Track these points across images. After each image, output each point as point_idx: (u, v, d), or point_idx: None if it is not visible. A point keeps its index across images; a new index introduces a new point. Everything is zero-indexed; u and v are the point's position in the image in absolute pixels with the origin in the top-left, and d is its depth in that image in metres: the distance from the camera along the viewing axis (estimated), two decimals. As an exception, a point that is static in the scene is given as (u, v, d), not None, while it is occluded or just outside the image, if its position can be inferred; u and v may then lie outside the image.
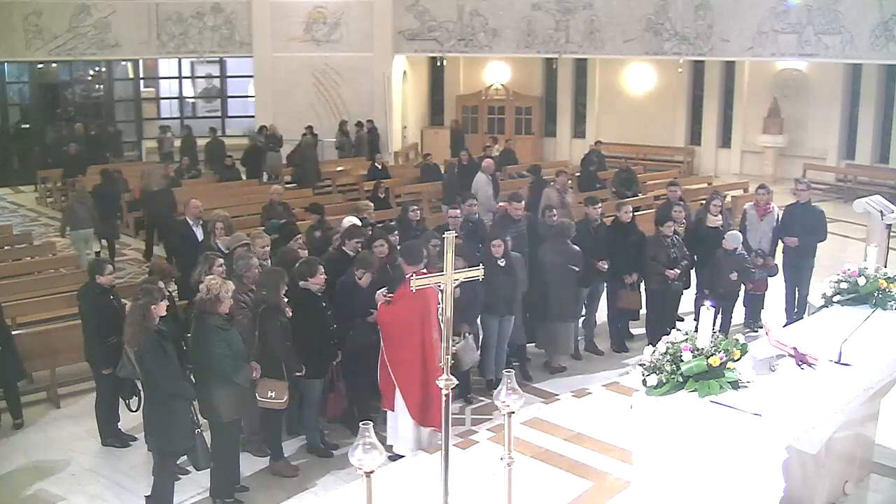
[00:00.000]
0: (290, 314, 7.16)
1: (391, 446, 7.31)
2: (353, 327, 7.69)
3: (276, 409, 7.11)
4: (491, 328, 8.66)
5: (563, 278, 9.09)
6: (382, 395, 7.45)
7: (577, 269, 9.19)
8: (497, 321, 8.68)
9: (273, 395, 6.96)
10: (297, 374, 7.21)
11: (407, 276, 7.31)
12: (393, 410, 7.35)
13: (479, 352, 8.42)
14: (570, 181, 14.06)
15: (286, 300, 7.18)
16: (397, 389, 7.23)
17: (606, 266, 9.67)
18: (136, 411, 7.34)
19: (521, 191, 12.56)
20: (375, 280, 7.87)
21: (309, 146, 19.51)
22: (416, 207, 10.72)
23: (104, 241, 14.07)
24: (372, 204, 11.35)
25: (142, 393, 7.07)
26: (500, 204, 10.57)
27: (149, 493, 6.67)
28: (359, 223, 9.45)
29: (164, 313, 6.57)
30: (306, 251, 8.66)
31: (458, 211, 10.08)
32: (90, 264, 8.20)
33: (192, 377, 6.75)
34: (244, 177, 19.23)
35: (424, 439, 7.30)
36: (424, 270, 7.20)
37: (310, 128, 20.58)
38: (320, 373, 7.51)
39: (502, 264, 8.51)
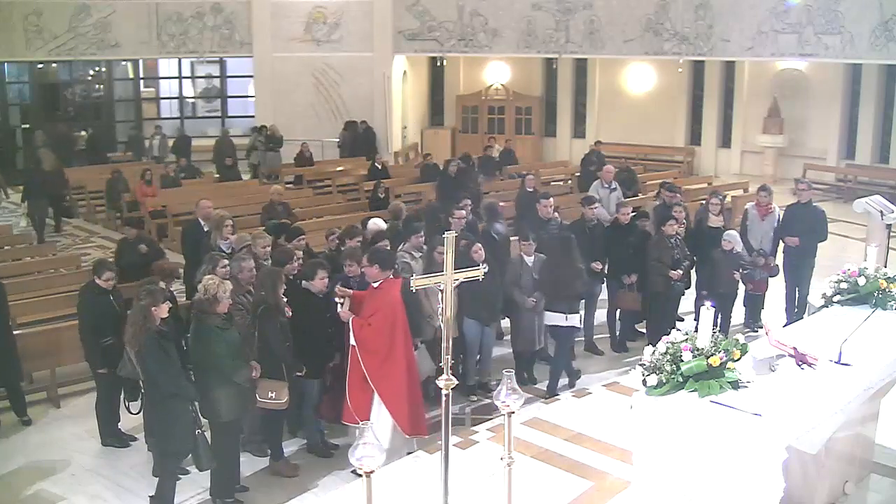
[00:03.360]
0: (290, 314, 7.15)
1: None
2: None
3: (276, 410, 7.11)
4: (472, 333, 8.58)
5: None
6: (354, 409, 7.07)
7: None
8: (480, 327, 8.59)
9: (273, 395, 6.95)
10: (298, 374, 7.21)
11: (376, 283, 7.15)
12: (367, 420, 7.19)
13: (432, 361, 8.10)
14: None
15: (286, 300, 7.17)
16: (381, 403, 7.05)
17: (600, 267, 9.66)
18: (136, 414, 7.32)
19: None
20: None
21: (226, 139, 20.43)
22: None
23: (37, 217, 15.85)
24: (404, 205, 11.23)
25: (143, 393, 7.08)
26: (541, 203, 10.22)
27: (153, 494, 6.67)
28: (384, 226, 9.36)
29: (166, 315, 6.57)
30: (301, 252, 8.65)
31: (463, 212, 9.85)
32: (93, 265, 8.21)
33: (192, 377, 6.75)
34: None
35: (400, 449, 7.18)
36: (391, 276, 7.17)
37: (263, 127, 20.99)
38: (318, 373, 7.50)
39: (486, 269, 8.33)
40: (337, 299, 7.33)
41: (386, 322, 7.05)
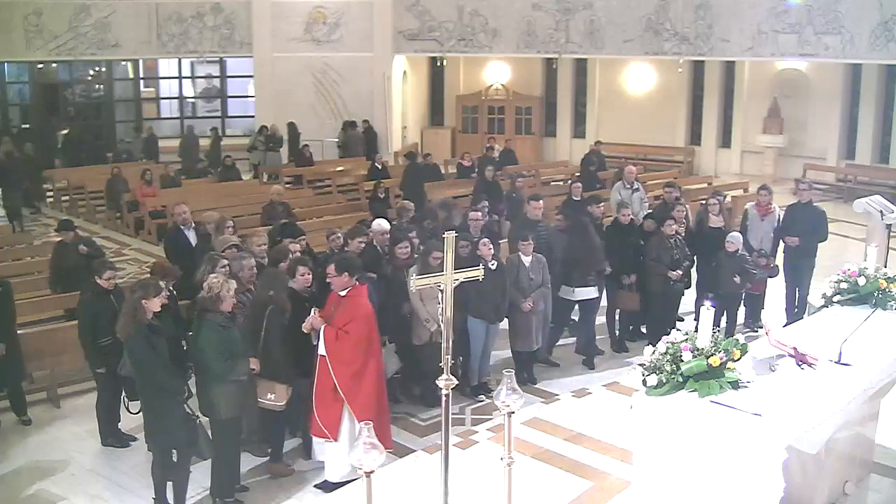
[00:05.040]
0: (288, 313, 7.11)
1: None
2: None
3: (274, 410, 7.09)
4: (477, 333, 8.57)
5: None
6: (324, 423, 6.79)
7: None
8: (485, 326, 8.58)
9: (272, 396, 6.94)
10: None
11: (343, 292, 6.86)
12: (336, 440, 6.80)
13: (397, 358, 8.14)
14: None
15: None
16: (352, 416, 6.68)
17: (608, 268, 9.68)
18: (136, 413, 7.32)
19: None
20: (396, 279, 7.81)
21: (192, 137, 21.44)
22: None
23: (11, 208, 16.62)
24: (413, 204, 11.08)
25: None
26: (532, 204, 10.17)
27: (154, 494, 6.67)
28: (388, 226, 9.36)
29: (159, 309, 6.56)
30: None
31: (479, 213, 9.69)
32: (92, 265, 8.20)
33: (192, 374, 6.76)
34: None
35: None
36: (356, 283, 6.91)
37: (215, 129, 21.80)
38: (308, 371, 7.44)
39: (493, 267, 8.28)
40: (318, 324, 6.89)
41: (362, 332, 6.78)
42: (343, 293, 6.88)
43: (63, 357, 8.66)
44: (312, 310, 6.98)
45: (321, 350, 6.77)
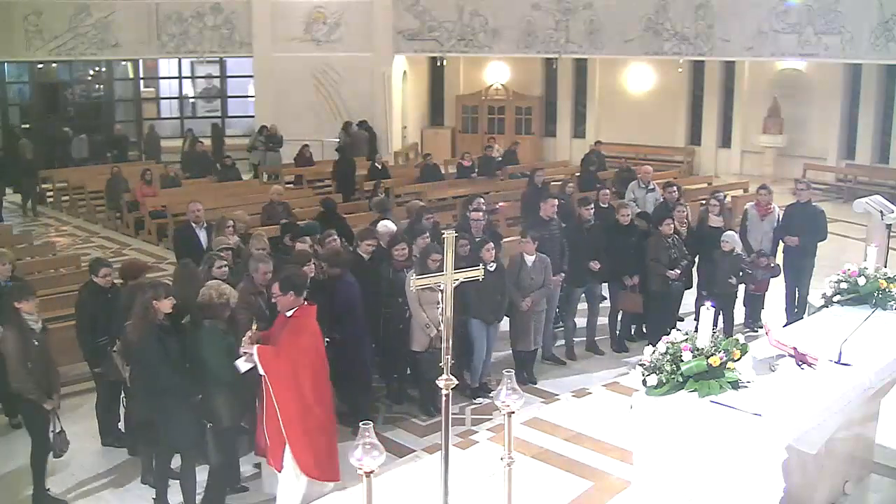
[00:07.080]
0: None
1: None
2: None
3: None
4: (479, 334, 8.56)
5: None
6: (270, 453, 6.42)
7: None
8: (485, 327, 8.58)
9: None
10: None
11: (289, 312, 6.44)
12: (281, 469, 6.37)
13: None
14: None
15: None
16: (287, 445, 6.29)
17: (598, 266, 9.64)
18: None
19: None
20: (396, 281, 7.88)
21: (153, 136, 22.19)
22: (430, 215, 10.20)
23: None
24: (420, 203, 10.98)
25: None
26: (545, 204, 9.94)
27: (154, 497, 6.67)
28: (393, 227, 9.32)
29: (170, 310, 6.52)
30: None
31: (480, 213, 9.58)
32: (89, 263, 8.17)
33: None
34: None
35: (312, 493, 6.44)
36: (305, 302, 6.49)
37: (190, 130, 21.94)
38: None
39: (492, 269, 8.26)
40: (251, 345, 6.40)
41: (300, 353, 6.29)
42: (289, 314, 6.45)
43: (63, 357, 8.62)
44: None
45: (260, 370, 6.29)
